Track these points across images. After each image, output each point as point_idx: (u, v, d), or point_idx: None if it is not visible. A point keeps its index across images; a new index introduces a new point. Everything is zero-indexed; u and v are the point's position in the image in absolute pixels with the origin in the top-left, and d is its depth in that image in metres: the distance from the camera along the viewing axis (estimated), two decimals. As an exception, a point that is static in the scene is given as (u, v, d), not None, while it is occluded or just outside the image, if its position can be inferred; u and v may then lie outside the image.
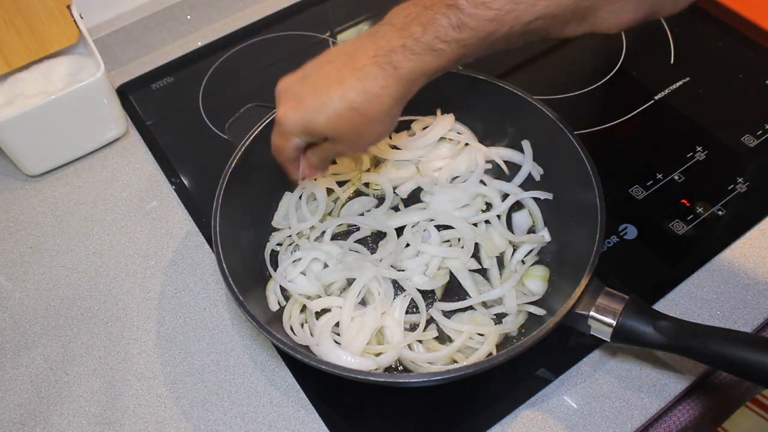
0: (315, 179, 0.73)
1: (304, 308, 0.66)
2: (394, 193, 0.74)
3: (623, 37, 0.91)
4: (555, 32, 0.52)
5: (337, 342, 0.62)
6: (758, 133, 0.78)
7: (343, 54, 0.55)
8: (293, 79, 0.58)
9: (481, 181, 0.73)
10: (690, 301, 0.67)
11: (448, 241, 0.69)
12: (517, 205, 0.72)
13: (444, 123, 0.75)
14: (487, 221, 0.71)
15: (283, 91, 0.58)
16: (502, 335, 0.64)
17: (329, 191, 0.75)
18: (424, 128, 0.76)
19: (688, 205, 0.73)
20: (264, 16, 0.98)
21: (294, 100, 0.56)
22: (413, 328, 0.65)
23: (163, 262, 0.74)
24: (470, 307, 0.66)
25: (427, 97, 0.74)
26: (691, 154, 0.77)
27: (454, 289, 0.68)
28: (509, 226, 0.71)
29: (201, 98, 0.89)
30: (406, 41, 0.52)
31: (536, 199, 0.71)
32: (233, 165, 0.67)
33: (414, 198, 0.74)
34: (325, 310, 0.66)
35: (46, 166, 0.82)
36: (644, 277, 0.69)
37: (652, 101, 0.83)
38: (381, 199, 0.74)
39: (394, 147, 0.77)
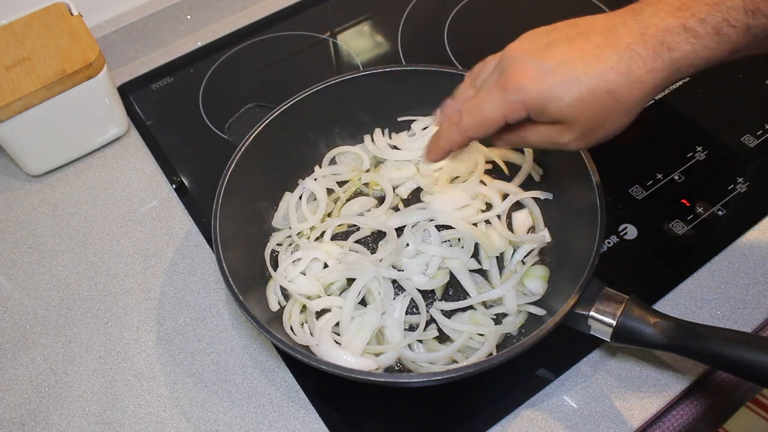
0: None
1: (304, 308, 0.66)
2: (394, 193, 0.74)
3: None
4: None
5: (337, 342, 0.62)
6: (758, 133, 0.78)
7: (599, 28, 0.49)
8: (535, 44, 0.50)
9: (481, 181, 0.73)
10: (690, 301, 0.67)
11: (448, 241, 0.69)
12: (517, 205, 0.72)
13: (444, 123, 0.75)
14: (487, 221, 0.71)
15: (521, 56, 0.50)
16: (502, 335, 0.64)
17: (329, 191, 0.75)
18: (424, 128, 0.76)
19: (688, 205, 0.73)
20: (264, 16, 0.98)
21: (537, 69, 0.49)
22: (413, 328, 0.65)
23: (163, 262, 0.74)
24: (470, 307, 0.66)
25: (427, 97, 0.75)
26: (691, 154, 0.77)
27: (454, 289, 0.68)
28: (509, 226, 0.71)
29: (201, 98, 0.89)
30: (687, 21, 0.47)
31: (536, 199, 0.71)
32: (233, 165, 0.67)
33: (414, 198, 0.74)
34: (325, 310, 0.66)
35: (48, 166, 0.82)
36: (644, 277, 0.69)
37: (652, 101, 0.83)
38: (381, 199, 0.74)
39: (394, 147, 0.77)
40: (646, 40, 0.47)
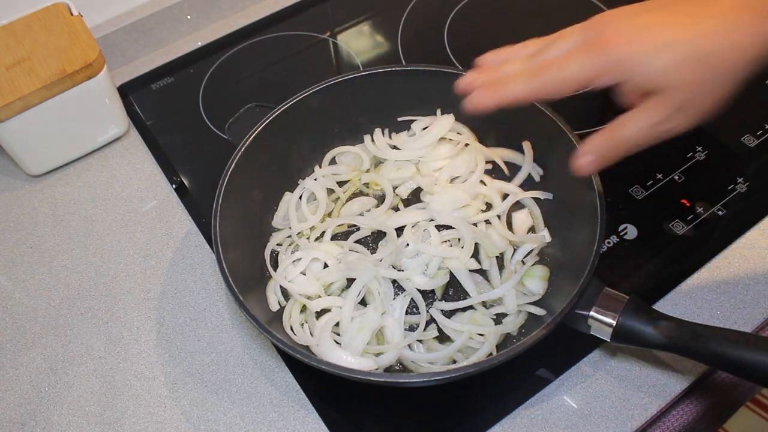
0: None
1: (304, 308, 0.66)
2: (394, 193, 0.74)
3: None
4: None
5: (337, 342, 0.62)
6: (758, 133, 0.78)
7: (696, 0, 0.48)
8: (624, 12, 0.49)
9: (482, 181, 0.73)
10: (690, 301, 0.67)
11: (448, 241, 0.69)
12: (517, 205, 0.72)
13: (444, 123, 0.75)
14: (487, 221, 0.71)
15: (615, 19, 0.49)
16: (502, 335, 0.64)
17: (329, 191, 0.75)
18: (424, 128, 0.76)
19: (688, 205, 0.73)
20: (264, 16, 0.98)
21: (632, 29, 0.47)
22: (413, 328, 0.65)
23: (163, 262, 0.74)
24: (470, 307, 0.66)
25: (427, 97, 0.75)
26: (691, 154, 0.77)
27: (454, 289, 0.68)
28: (509, 226, 0.71)
29: (201, 98, 0.89)
30: None
31: (536, 199, 0.71)
32: (233, 165, 0.67)
33: (414, 198, 0.74)
34: (325, 310, 0.66)
35: (48, 166, 0.82)
36: (644, 277, 0.69)
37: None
38: (381, 199, 0.74)
39: (394, 147, 0.77)
40: (739, 7, 0.46)
